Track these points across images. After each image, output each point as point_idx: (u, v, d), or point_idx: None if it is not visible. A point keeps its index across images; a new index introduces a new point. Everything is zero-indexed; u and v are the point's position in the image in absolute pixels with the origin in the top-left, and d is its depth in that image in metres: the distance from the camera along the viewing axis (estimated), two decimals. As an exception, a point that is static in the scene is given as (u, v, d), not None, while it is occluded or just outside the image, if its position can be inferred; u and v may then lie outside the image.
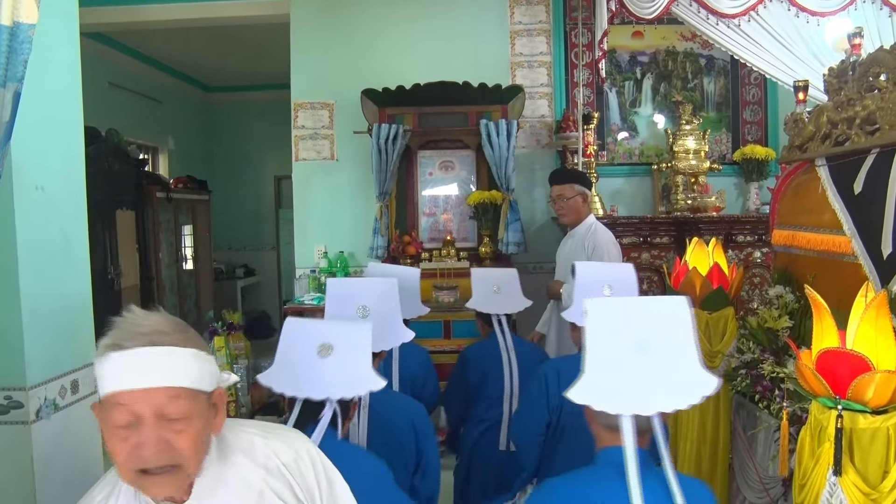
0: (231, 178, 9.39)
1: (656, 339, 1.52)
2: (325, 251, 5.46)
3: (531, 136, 5.50)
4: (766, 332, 2.61)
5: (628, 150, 5.54)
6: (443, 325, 4.45)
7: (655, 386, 1.51)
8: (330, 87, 5.50)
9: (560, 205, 3.90)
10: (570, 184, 3.87)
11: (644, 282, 4.74)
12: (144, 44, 7.37)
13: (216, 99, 9.59)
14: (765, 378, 2.41)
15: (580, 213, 3.85)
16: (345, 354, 1.84)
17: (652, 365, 1.51)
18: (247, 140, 9.44)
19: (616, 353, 1.52)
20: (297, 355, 1.83)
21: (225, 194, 9.09)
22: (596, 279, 2.46)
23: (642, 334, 1.52)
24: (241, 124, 9.46)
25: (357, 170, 5.46)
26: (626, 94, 5.55)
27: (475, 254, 4.99)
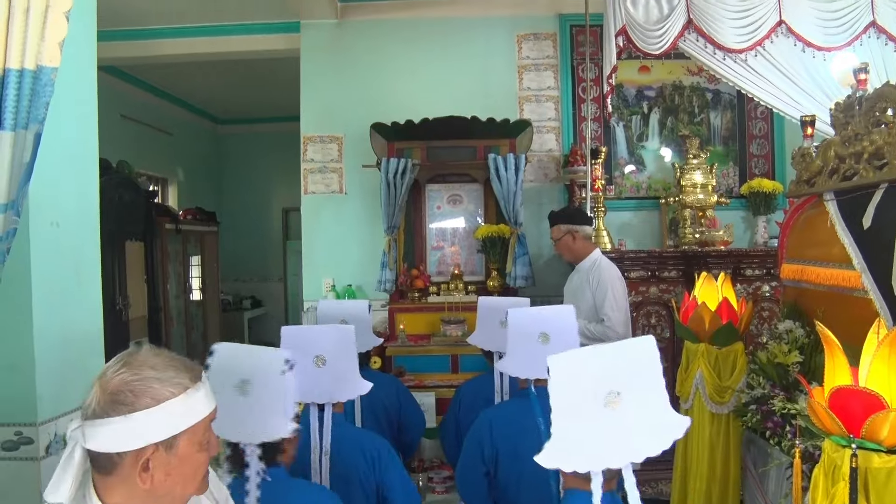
0: (239, 209, 9.45)
1: (625, 388, 1.49)
2: (333, 284, 5.45)
3: (539, 170, 5.52)
4: (776, 368, 2.60)
5: (636, 183, 5.54)
6: (450, 359, 4.40)
7: (625, 436, 1.48)
8: (339, 121, 5.55)
9: (556, 246, 3.99)
10: (556, 224, 3.92)
11: (652, 316, 4.71)
12: (156, 77, 7.48)
13: (226, 131, 9.69)
14: (776, 414, 2.39)
15: (575, 251, 3.87)
16: (260, 394, 1.76)
17: (621, 415, 1.48)
18: (256, 172, 9.52)
19: (584, 411, 1.49)
20: (220, 389, 1.72)
21: (233, 226, 9.13)
22: (531, 326, 2.37)
23: (610, 384, 1.49)
24: (250, 156, 9.55)
25: (365, 203, 5.48)
26: (633, 129, 5.56)
27: (483, 287, 4.98)
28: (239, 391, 1.75)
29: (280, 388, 1.77)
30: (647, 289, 4.73)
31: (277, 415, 1.76)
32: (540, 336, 2.33)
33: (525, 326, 2.38)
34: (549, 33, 5.55)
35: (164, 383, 1.29)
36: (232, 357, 1.81)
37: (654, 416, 1.50)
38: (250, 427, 1.73)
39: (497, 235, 4.89)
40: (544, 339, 2.32)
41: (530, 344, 2.33)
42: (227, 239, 8.77)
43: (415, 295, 4.89)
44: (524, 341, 2.35)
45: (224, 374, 1.78)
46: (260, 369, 1.78)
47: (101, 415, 1.25)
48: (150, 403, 1.26)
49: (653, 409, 1.50)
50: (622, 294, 3.74)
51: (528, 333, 2.35)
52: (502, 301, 3.19)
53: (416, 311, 4.79)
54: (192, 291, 7.61)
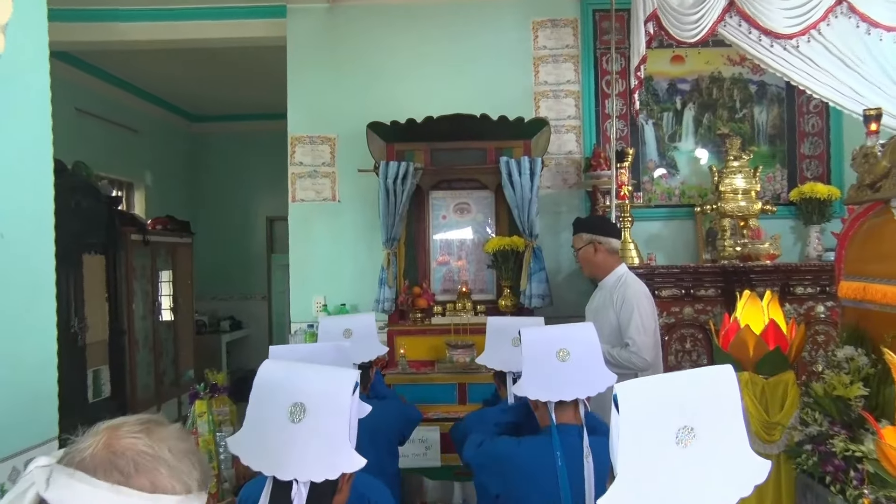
0: (217, 218, 9.43)
1: (700, 424, 1.44)
2: (325, 303, 5.43)
3: (557, 175, 5.49)
4: (835, 401, 2.57)
5: (667, 190, 5.51)
6: (457, 388, 4.37)
7: (699, 481, 1.43)
8: (331, 120, 5.54)
9: (577, 257, 3.96)
10: (578, 233, 3.89)
11: (686, 340, 4.69)
12: (119, 66, 7.42)
13: (201, 129, 9.67)
14: (837, 457, 2.35)
15: (596, 265, 3.84)
16: (321, 421, 1.72)
17: (695, 456, 1.43)
18: (236, 177, 9.51)
19: (654, 450, 1.44)
20: (266, 417, 1.71)
21: (210, 237, 9.12)
22: (547, 343, 2.39)
23: (684, 419, 1.44)
24: (229, 159, 9.54)
25: (361, 212, 5.47)
26: (664, 127, 5.54)
27: (494, 307, 4.92)
28: (292, 418, 1.70)
29: (346, 414, 1.73)
30: (681, 309, 4.71)
31: (343, 446, 1.72)
32: (558, 352, 2.33)
33: (541, 344, 2.40)
34: (569, 19, 5.55)
35: (172, 473, 1.21)
36: (286, 377, 1.76)
37: (732, 458, 1.45)
38: (309, 460, 1.68)
39: (510, 249, 4.85)
40: (563, 356, 2.33)
41: (548, 362, 2.34)
42: (202, 252, 8.75)
43: (417, 316, 4.85)
44: (542, 360, 2.35)
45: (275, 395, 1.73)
46: (323, 392, 1.74)
47: (88, 469, 1.16)
48: (145, 486, 1.19)
49: (731, 449, 1.44)
50: (650, 315, 3.68)
51: (544, 352, 2.37)
52: (514, 321, 3.20)
53: (419, 333, 4.75)
54: (162, 311, 7.55)
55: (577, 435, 2.32)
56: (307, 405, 1.73)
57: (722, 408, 1.47)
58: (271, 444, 1.69)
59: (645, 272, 4.52)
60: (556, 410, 2.36)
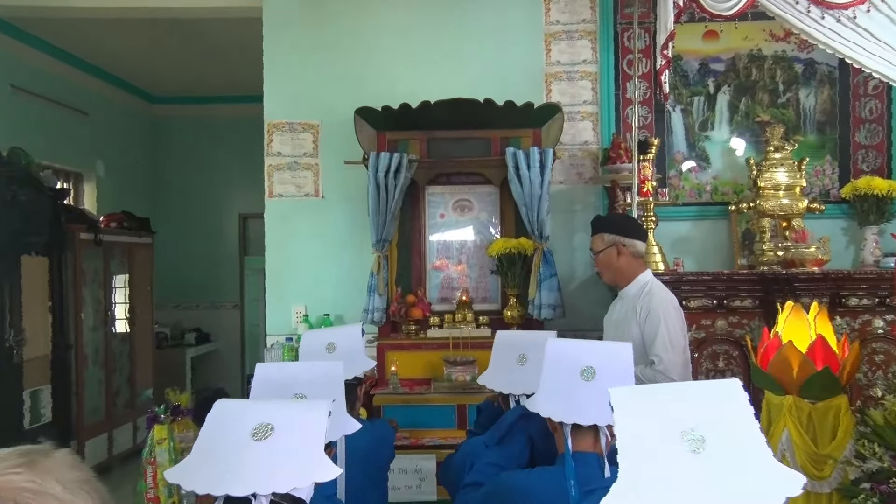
0: (182, 215, 9.40)
1: (710, 432, 1.49)
2: (306, 314, 5.40)
3: (571, 169, 5.49)
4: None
5: (697, 185, 5.51)
6: (455, 411, 4.40)
7: (713, 489, 1.45)
8: (314, 104, 5.52)
9: (596, 261, 3.95)
10: (599, 233, 3.87)
11: (719, 358, 4.67)
12: (64, 36, 7.27)
13: (164, 113, 9.63)
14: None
15: (618, 270, 3.82)
16: (289, 436, 1.77)
17: (708, 464, 1.46)
18: (204, 167, 9.48)
19: (659, 452, 1.49)
20: (224, 441, 1.76)
21: (173, 236, 9.07)
22: (574, 359, 2.40)
23: (688, 424, 1.49)
24: (196, 147, 9.51)
25: (348, 210, 5.45)
26: (694, 114, 5.52)
27: (498, 318, 4.92)
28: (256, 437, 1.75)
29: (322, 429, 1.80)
30: (713, 322, 4.70)
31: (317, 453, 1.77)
32: (583, 370, 2.33)
33: (566, 358, 2.40)
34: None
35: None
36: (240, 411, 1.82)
37: (752, 468, 1.48)
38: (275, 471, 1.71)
39: (516, 252, 4.83)
40: (588, 375, 2.33)
41: (570, 379, 2.34)
42: (164, 254, 8.71)
43: (411, 328, 4.88)
44: (563, 375, 2.36)
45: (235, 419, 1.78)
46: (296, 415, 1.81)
47: None
48: None
49: (751, 459, 1.49)
50: (679, 329, 3.68)
51: (568, 366, 2.36)
52: (524, 337, 3.19)
53: (413, 348, 4.78)
54: (116, 322, 7.51)
55: (595, 465, 2.31)
56: (275, 425, 1.77)
57: (733, 419, 1.52)
58: (226, 463, 1.72)
59: (671, 280, 4.48)
60: (573, 436, 2.34)
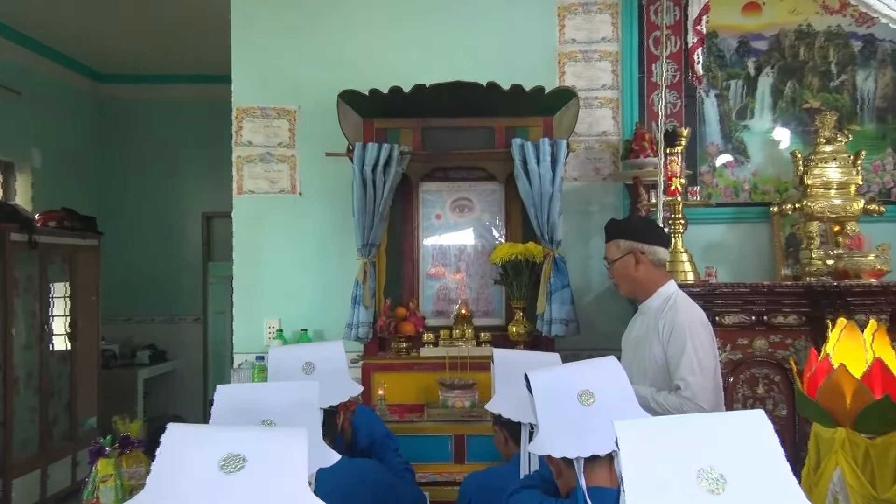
0: (134, 214, 9.44)
1: (730, 470, 1.52)
2: (280, 328, 5.43)
3: (587, 164, 5.54)
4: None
5: (733, 183, 5.54)
6: (453, 441, 4.46)
7: None
8: (291, 86, 5.56)
9: (611, 271, 3.98)
10: (614, 239, 3.90)
11: (759, 383, 4.69)
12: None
13: (113, 94, 9.64)
14: None
15: (637, 282, 3.85)
16: (266, 469, 1.77)
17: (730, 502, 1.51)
18: (161, 159, 9.52)
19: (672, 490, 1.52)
20: (185, 475, 1.73)
21: (124, 239, 9.12)
22: (563, 385, 2.42)
23: (706, 462, 1.53)
24: (152, 135, 9.54)
25: (329, 209, 5.49)
26: (731, 100, 5.56)
27: (502, 335, 4.96)
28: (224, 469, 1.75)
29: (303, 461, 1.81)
30: (751, 341, 4.73)
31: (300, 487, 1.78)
32: (580, 395, 2.37)
33: (555, 387, 2.43)
34: (606, -43, 5.60)
35: None
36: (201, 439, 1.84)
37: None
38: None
39: (523, 259, 4.86)
40: (586, 399, 2.36)
41: (570, 408, 2.37)
42: (113, 258, 8.75)
43: (401, 345, 4.92)
44: (561, 407, 2.39)
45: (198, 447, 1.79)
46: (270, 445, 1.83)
47: None
48: None
49: (780, 501, 1.53)
50: (709, 348, 3.67)
51: (563, 395, 2.40)
52: (527, 357, 3.26)
53: (403, 369, 4.83)
54: (54, 338, 7.50)
55: (614, 501, 2.38)
56: (246, 455, 1.87)
57: (757, 454, 1.55)
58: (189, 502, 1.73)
59: (702, 292, 4.54)
60: (587, 471, 2.35)
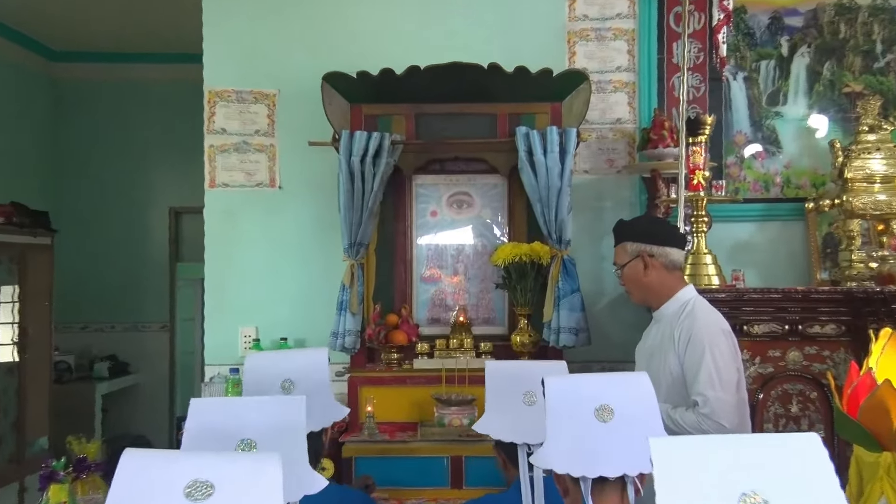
0: (93, 209, 9.46)
1: (774, 493, 1.53)
2: (257, 337, 5.46)
3: (600, 154, 5.58)
4: None
5: (764, 176, 5.57)
6: (449, 464, 4.52)
7: None
8: (270, 67, 5.60)
9: (621, 277, 4.03)
10: (621, 242, 3.98)
11: (792, 401, 4.69)
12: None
13: (69, 74, 9.65)
14: None
15: (648, 288, 3.92)
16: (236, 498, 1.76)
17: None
18: (123, 148, 9.54)
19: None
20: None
21: (81, 237, 9.18)
22: (581, 396, 2.41)
23: (748, 486, 1.54)
24: (113, 120, 9.56)
25: (313, 204, 5.54)
26: (761, 83, 5.58)
27: (505, 345, 5.02)
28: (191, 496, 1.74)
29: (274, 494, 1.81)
30: (784, 353, 4.73)
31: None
32: (597, 410, 2.37)
33: (572, 397, 2.43)
34: (621, -77, 5.59)
35: None
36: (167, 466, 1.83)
37: None
38: None
39: (528, 261, 4.91)
40: (604, 415, 2.36)
41: (583, 422, 2.38)
42: (69, 259, 8.78)
43: (392, 356, 4.99)
44: (573, 419, 2.39)
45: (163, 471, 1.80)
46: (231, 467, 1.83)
47: None
48: None
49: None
50: (730, 359, 3.67)
51: (577, 407, 2.40)
52: (526, 368, 3.25)
53: (395, 383, 4.90)
54: (0, 348, 7.54)
55: None
56: (214, 482, 1.91)
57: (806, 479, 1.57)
58: None
59: (728, 298, 4.58)
60: (595, 494, 2.34)
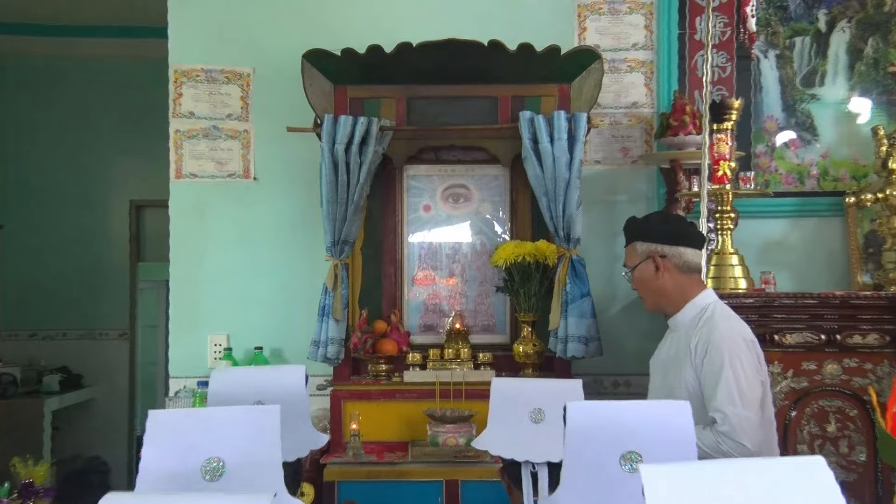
0: (40, 203, 9.51)
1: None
2: (228, 346, 5.49)
3: (613, 143, 5.64)
4: None
5: (798, 167, 5.60)
6: (444, 489, 4.58)
7: None
8: (244, 43, 5.66)
9: (632, 280, 4.05)
10: (632, 242, 4.02)
11: (830, 419, 4.70)
12: None
13: (10, 48, 9.65)
14: None
15: (664, 292, 3.93)
16: None
17: None
18: (76, 134, 9.60)
19: None
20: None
21: (27, 234, 9.28)
22: (604, 428, 2.40)
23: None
24: (64, 103, 9.60)
25: (292, 198, 5.63)
26: (795, 62, 5.63)
27: (506, 356, 5.09)
28: None
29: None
30: (820, 366, 4.74)
31: None
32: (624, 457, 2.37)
33: (598, 435, 2.42)
34: None
35: None
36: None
37: None
38: None
39: (533, 261, 4.99)
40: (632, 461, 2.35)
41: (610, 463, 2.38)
42: (14, 258, 8.96)
43: (380, 368, 5.05)
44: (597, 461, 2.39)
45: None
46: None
47: None
48: None
49: None
50: (753, 372, 3.67)
51: (605, 445, 2.39)
52: (533, 386, 3.27)
53: (383, 397, 4.97)
54: None
55: None
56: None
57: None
58: None
59: (757, 303, 4.64)
60: None
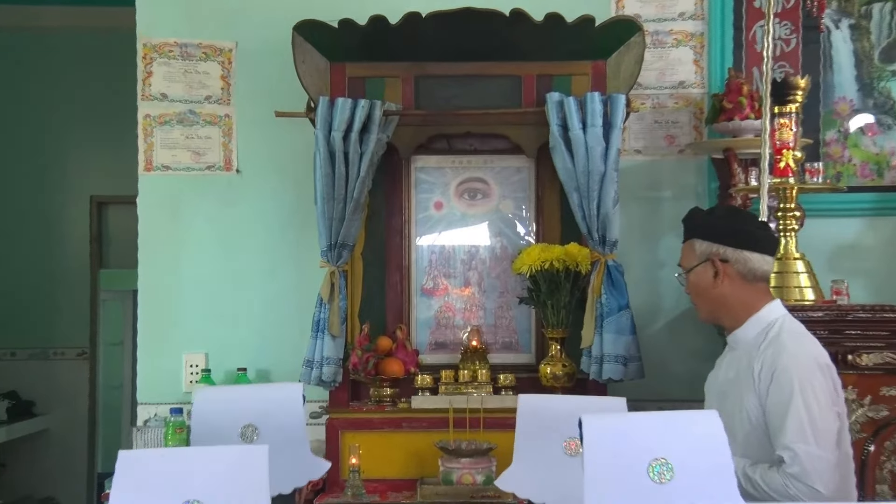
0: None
1: None
2: (207, 367, 5.58)
3: (657, 129, 5.75)
4: None
5: (876, 157, 5.69)
6: None
7: None
8: (225, 14, 5.77)
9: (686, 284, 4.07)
10: (690, 239, 4.05)
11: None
12: None
13: None
14: None
15: (722, 302, 3.94)
16: None
17: None
18: (27, 118, 9.78)
19: None
20: None
21: None
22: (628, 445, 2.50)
23: None
24: (13, 82, 9.81)
25: (281, 193, 5.73)
26: (873, 35, 5.75)
27: (531, 378, 5.15)
28: None
29: None
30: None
31: None
32: (650, 466, 2.47)
33: (615, 447, 2.53)
34: None
35: None
36: None
37: None
38: None
39: (562, 268, 5.01)
40: (659, 472, 2.46)
41: (632, 481, 2.47)
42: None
43: (384, 392, 5.12)
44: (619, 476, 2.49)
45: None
46: None
47: None
48: None
49: None
50: (827, 404, 3.66)
51: (623, 459, 2.50)
52: (568, 404, 3.38)
53: (387, 427, 5.03)
54: None
55: None
56: None
57: None
58: None
59: (827, 318, 4.67)
60: None
